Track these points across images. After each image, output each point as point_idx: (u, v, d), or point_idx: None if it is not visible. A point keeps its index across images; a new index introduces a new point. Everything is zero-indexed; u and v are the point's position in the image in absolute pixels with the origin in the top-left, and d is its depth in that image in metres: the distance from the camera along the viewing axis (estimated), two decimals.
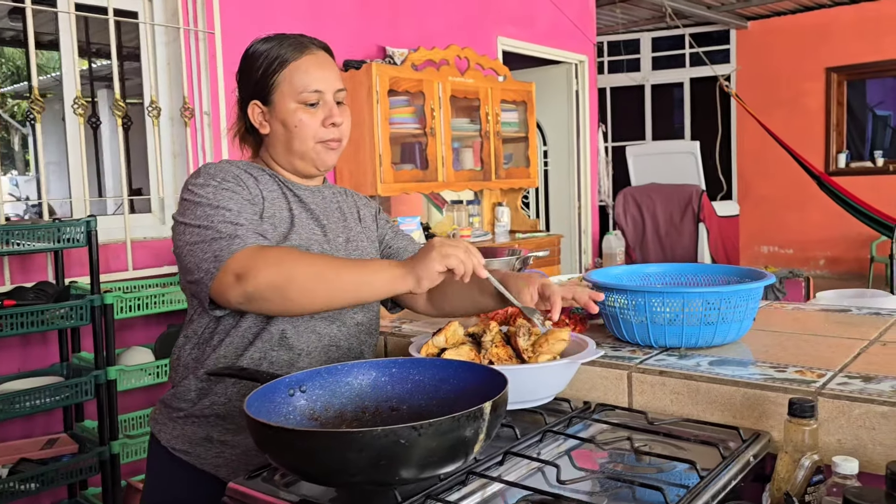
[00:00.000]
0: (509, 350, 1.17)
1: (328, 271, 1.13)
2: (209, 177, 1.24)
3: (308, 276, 1.12)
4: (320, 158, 1.33)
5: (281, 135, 1.31)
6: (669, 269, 1.56)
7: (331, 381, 1.10)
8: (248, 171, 1.30)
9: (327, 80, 1.30)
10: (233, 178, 1.25)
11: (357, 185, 3.89)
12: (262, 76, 1.30)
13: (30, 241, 2.60)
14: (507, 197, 5.04)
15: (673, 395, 1.17)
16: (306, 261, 1.14)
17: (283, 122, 1.30)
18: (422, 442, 0.81)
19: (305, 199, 1.36)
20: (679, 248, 5.78)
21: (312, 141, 1.31)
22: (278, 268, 1.12)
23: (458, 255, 1.11)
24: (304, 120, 1.29)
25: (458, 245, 1.12)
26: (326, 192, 1.42)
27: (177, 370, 1.31)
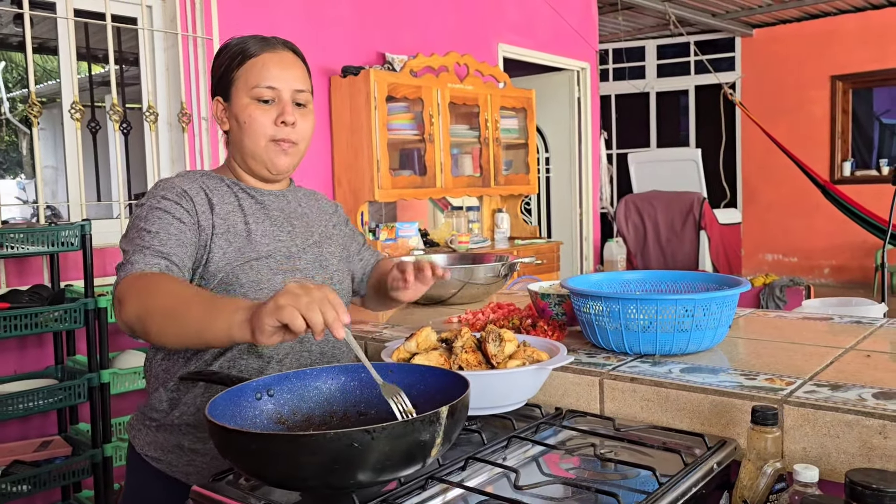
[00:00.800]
0: (479, 356, 1.18)
1: (179, 308, 1.05)
2: (150, 195, 1.26)
3: (161, 311, 1.06)
4: (271, 159, 1.31)
5: (236, 132, 1.31)
6: (649, 277, 1.56)
7: (299, 385, 1.10)
8: (204, 185, 1.30)
9: (285, 79, 1.29)
10: (175, 195, 1.24)
11: (355, 191, 3.91)
12: (224, 71, 1.31)
13: (25, 244, 2.62)
14: (508, 203, 5.04)
15: (643, 401, 1.17)
16: (165, 294, 1.08)
17: (236, 117, 1.30)
18: (375, 445, 0.81)
19: (268, 203, 1.36)
20: (680, 255, 5.76)
21: (263, 139, 1.29)
22: (140, 299, 1.08)
23: (299, 306, 0.90)
24: (255, 115, 1.28)
25: (305, 294, 0.91)
26: (291, 195, 1.41)
27: (149, 381, 1.31)
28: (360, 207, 3.91)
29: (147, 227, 1.20)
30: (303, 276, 1.31)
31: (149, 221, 1.21)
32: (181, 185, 1.27)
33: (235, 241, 1.26)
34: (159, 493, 1.25)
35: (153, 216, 1.21)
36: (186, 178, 1.30)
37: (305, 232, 1.38)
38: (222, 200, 1.30)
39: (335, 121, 3.96)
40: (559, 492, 0.94)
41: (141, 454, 1.27)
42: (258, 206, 1.34)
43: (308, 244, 1.37)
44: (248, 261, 1.25)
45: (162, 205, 1.23)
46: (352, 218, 3.92)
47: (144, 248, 1.17)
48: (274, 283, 1.26)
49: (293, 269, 1.31)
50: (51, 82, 6.78)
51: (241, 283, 1.23)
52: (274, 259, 1.29)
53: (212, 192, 1.29)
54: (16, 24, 5.27)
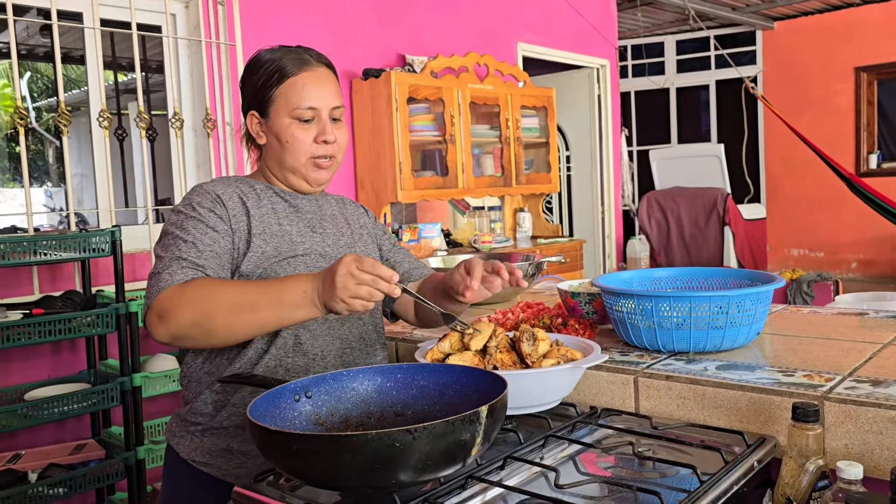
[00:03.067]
0: (513, 356, 1.18)
1: (245, 299, 1.12)
2: (185, 202, 1.28)
3: (227, 308, 1.12)
4: (311, 175, 1.35)
5: (275, 148, 1.34)
6: (679, 274, 1.55)
7: (336, 386, 1.11)
8: (239, 189, 1.32)
9: (323, 98, 1.32)
10: (210, 201, 1.27)
11: (377, 193, 3.92)
12: (261, 88, 1.33)
13: (57, 251, 2.66)
14: (529, 202, 5.04)
15: (679, 399, 1.17)
16: (222, 294, 1.13)
17: (277, 135, 1.32)
18: (416, 445, 0.82)
19: (303, 208, 1.38)
20: (704, 252, 5.72)
21: (304, 157, 1.33)
22: (194, 305, 1.12)
23: (361, 294, 1.06)
24: (297, 136, 1.31)
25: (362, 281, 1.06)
26: (322, 200, 1.44)
27: (189, 387, 1.32)
28: (383, 209, 3.93)
29: (183, 236, 1.23)
30: None
31: (185, 230, 1.24)
32: (215, 191, 1.29)
33: (272, 241, 1.29)
34: (204, 497, 1.26)
35: (188, 224, 1.24)
36: (221, 183, 1.33)
37: (337, 233, 1.41)
38: (257, 204, 1.33)
39: (357, 123, 3.98)
40: (599, 491, 0.94)
41: (187, 460, 1.28)
42: (291, 209, 1.37)
43: (340, 245, 1.39)
44: (285, 258, 1.28)
45: (197, 212, 1.26)
46: None
47: (181, 258, 1.19)
48: None
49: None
50: (76, 91, 6.87)
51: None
52: (310, 257, 1.31)
53: (246, 197, 1.32)
54: (42, 35, 5.35)
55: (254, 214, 1.30)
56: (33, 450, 2.74)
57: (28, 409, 2.50)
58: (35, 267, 2.82)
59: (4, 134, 7.33)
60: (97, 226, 3.17)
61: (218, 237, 1.24)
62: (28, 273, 2.84)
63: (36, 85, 8.30)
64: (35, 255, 2.58)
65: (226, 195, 1.30)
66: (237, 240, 1.26)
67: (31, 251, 2.58)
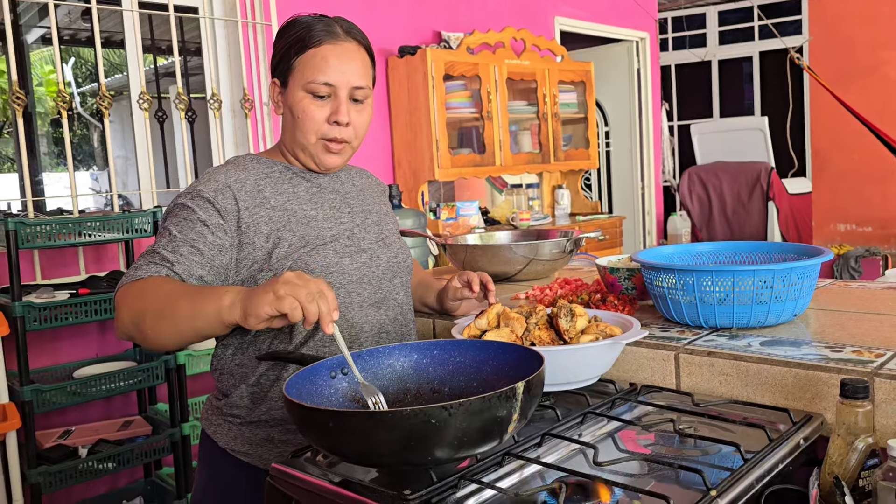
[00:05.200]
0: (552, 333, 1.16)
1: (167, 304, 1.06)
2: (190, 188, 1.23)
3: (152, 312, 1.07)
4: (319, 158, 1.28)
5: (288, 121, 1.28)
6: (722, 248, 1.52)
7: (372, 363, 1.11)
8: (256, 173, 1.26)
9: (343, 74, 1.23)
10: (212, 191, 1.20)
11: (415, 172, 3.91)
12: (284, 55, 1.26)
13: (101, 232, 2.72)
14: (568, 179, 4.98)
15: (722, 376, 1.14)
16: (153, 295, 1.07)
17: (291, 108, 1.26)
18: (452, 422, 0.81)
19: (326, 186, 1.33)
20: (748, 227, 5.59)
21: (314, 136, 1.26)
22: (133, 305, 1.08)
23: (299, 297, 0.95)
24: (309, 112, 1.24)
25: (304, 286, 0.96)
26: (344, 175, 1.39)
27: (222, 379, 1.29)
28: (421, 187, 3.92)
29: (170, 228, 1.19)
30: (369, 257, 1.31)
31: (174, 220, 1.20)
32: (227, 180, 1.23)
33: (298, 230, 1.24)
34: (244, 484, 1.25)
35: (180, 215, 1.20)
36: (236, 167, 1.26)
37: (364, 211, 1.36)
38: (277, 190, 1.26)
39: (393, 101, 3.97)
40: (639, 468, 0.92)
41: (226, 449, 1.26)
42: (315, 188, 1.31)
43: (368, 223, 1.35)
44: (314, 247, 1.23)
45: (193, 203, 1.19)
46: (412, 198, 3.93)
47: (155, 252, 1.16)
48: (342, 266, 1.25)
49: (359, 250, 1.30)
50: (118, 76, 6.98)
51: (311, 269, 1.22)
52: (339, 242, 1.27)
53: (264, 180, 1.26)
54: (84, 20, 5.44)
55: (274, 204, 1.24)
56: (83, 426, 2.82)
57: (77, 386, 2.57)
58: (80, 248, 2.89)
59: (51, 119, 7.48)
60: (140, 207, 3.23)
61: (205, 231, 1.17)
62: (74, 254, 2.91)
63: (80, 70, 8.45)
64: (80, 237, 2.63)
65: (238, 183, 1.23)
66: (252, 234, 1.20)
67: (76, 232, 2.64)
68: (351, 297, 1.26)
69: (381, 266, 1.32)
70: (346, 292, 1.25)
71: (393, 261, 1.36)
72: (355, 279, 1.27)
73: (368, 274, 1.29)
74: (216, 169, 1.27)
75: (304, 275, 0.98)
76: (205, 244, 1.18)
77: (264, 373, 1.24)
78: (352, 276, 1.26)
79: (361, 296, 1.28)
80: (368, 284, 1.29)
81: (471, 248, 1.93)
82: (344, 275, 1.25)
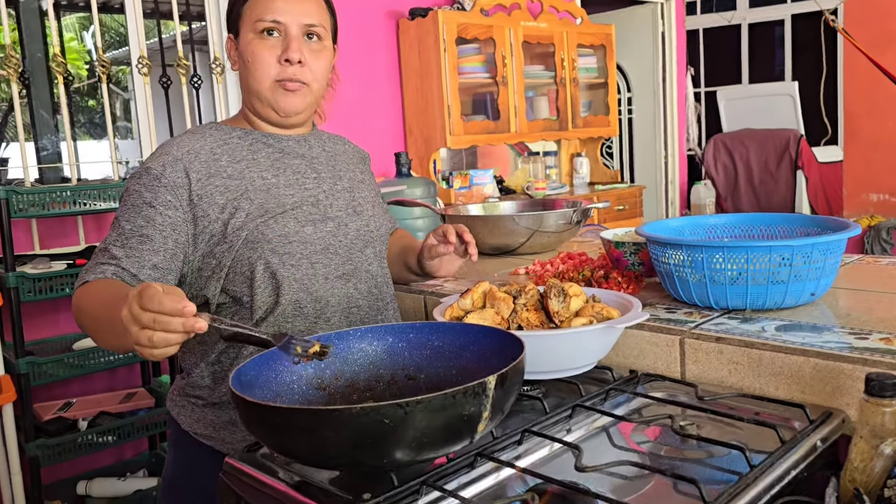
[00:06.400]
0: (542, 315, 1.05)
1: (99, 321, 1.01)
2: (135, 175, 1.16)
3: (90, 324, 1.05)
4: (276, 101, 1.19)
5: (243, 73, 1.21)
6: (737, 221, 1.38)
7: (342, 347, 1.01)
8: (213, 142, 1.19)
9: (293, 13, 1.16)
10: (159, 167, 1.13)
11: (426, 139, 3.78)
12: (234, 4, 1.21)
13: (98, 201, 2.65)
14: (587, 147, 4.82)
15: (731, 364, 1.02)
16: (90, 306, 1.03)
17: (242, 55, 1.19)
18: (410, 421, 0.70)
19: (288, 150, 1.24)
20: (775, 197, 5.39)
21: (267, 80, 1.18)
22: (79, 313, 1.06)
23: (147, 341, 0.80)
24: (257, 52, 1.17)
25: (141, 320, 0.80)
26: (314, 140, 1.30)
27: (185, 357, 1.23)
28: (433, 155, 3.79)
29: (119, 219, 1.13)
30: (335, 225, 1.21)
31: (123, 209, 1.14)
32: (179, 151, 1.15)
33: (257, 198, 1.16)
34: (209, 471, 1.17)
35: (128, 202, 1.14)
36: (192, 136, 1.19)
37: (333, 177, 1.27)
38: (234, 157, 1.19)
39: (404, 66, 3.83)
40: (629, 472, 0.81)
41: (189, 432, 1.20)
42: (277, 153, 1.23)
43: (337, 189, 1.26)
44: (273, 216, 1.15)
45: (140, 184, 1.13)
46: (424, 166, 3.81)
47: (104, 250, 1.11)
48: (304, 235, 1.16)
49: (324, 218, 1.20)
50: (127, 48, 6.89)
51: (268, 239, 1.14)
52: (301, 210, 1.18)
53: (221, 148, 1.19)
54: None
55: (231, 173, 1.16)
56: (84, 398, 2.78)
57: (76, 358, 2.52)
58: (80, 217, 2.81)
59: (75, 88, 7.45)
60: None
61: (153, 213, 1.11)
62: (73, 223, 2.84)
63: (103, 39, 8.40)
64: (75, 206, 2.56)
65: (191, 154, 1.16)
66: (206, 207, 1.13)
67: (72, 201, 2.56)
68: (315, 269, 1.18)
69: (349, 235, 1.22)
70: (308, 263, 1.17)
71: (364, 229, 1.25)
72: (319, 248, 1.18)
73: (335, 243, 1.20)
74: (171, 140, 1.20)
75: (133, 308, 0.81)
76: (153, 228, 1.12)
77: (224, 350, 1.16)
78: (315, 245, 1.17)
79: (327, 267, 1.19)
80: (335, 255, 1.20)
81: (471, 220, 1.82)
82: (306, 244, 1.16)
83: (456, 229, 1.24)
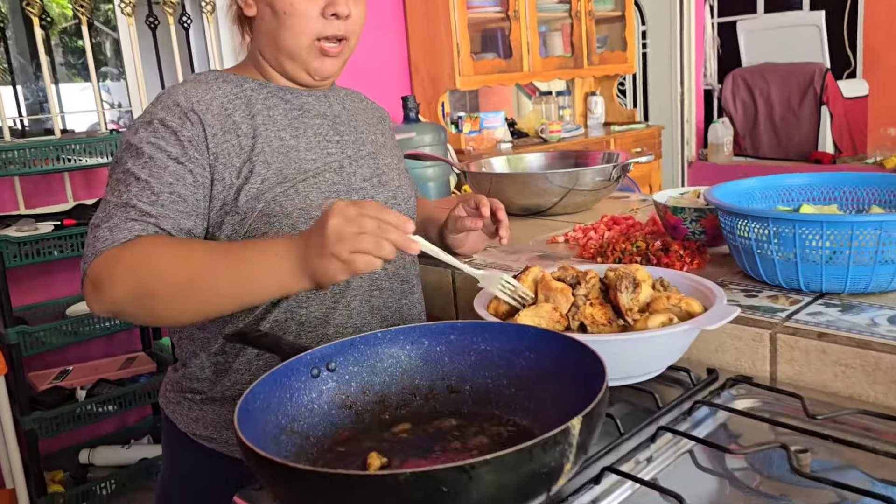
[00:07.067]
0: (608, 309, 0.87)
1: (199, 277, 0.83)
2: (146, 119, 0.96)
3: (174, 287, 0.84)
4: (313, 64, 1.01)
5: (268, 24, 1.00)
6: (817, 181, 1.19)
7: (369, 353, 0.84)
8: (224, 93, 1.00)
9: None
10: (178, 117, 0.95)
11: (434, 80, 3.54)
12: None
13: (84, 156, 2.45)
14: (602, 85, 4.56)
15: (838, 367, 0.85)
16: (168, 263, 0.85)
17: (271, 4, 0.99)
18: (475, 487, 0.53)
19: (308, 108, 1.06)
20: (797, 135, 5.15)
21: (307, 38, 0.99)
22: (133, 276, 0.83)
23: (368, 249, 0.75)
24: (298, 6, 0.97)
25: (362, 230, 0.75)
26: (333, 97, 1.11)
27: (181, 344, 1.06)
28: (441, 98, 3.56)
29: (135, 171, 0.92)
30: (360, 198, 1.03)
31: (139, 161, 0.93)
32: (188, 101, 0.97)
33: (275, 162, 0.98)
34: (213, 476, 1.02)
35: (145, 153, 0.93)
36: (198, 86, 1.00)
37: (357, 141, 1.09)
38: (249, 112, 1.00)
39: (409, 2, 3.56)
40: None
41: (187, 433, 1.04)
42: (297, 112, 1.04)
43: (361, 155, 1.08)
44: (293, 184, 0.97)
45: (157, 135, 0.94)
46: (431, 110, 3.58)
47: (127, 205, 0.90)
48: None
49: (349, 189, 1.03)
50: None
51: (288, 213, 0.96)
52: (323, 178, 1.00)
53: (233, 102, 1.00)
54: None
55: (245, 130, 0.98)
56: (81, 365, 2.63)
57: (70, 325, 2.37)
58: (66, 173, 2.62)
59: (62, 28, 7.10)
60: None
61: (182, 171, 0.93)
62: (60, 180, 2.64)
63: None
64: (59, 162, 2.37)
65: (202, 105, 0.97)
66: (222, 169, 0.95)
67: (55, 157, 2.37)
68: None
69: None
70: None
71: (391, 202, 1.08)
72: None
73: None
74: (174, 89, 1.00)
75: (348, 211, 0.76)
76: (185, 187, 0.93)
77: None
78: None
79: None
80: None
81: (497, 178, 1.63)
82: None
83: (490, 204, 1.06)
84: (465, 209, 1.11)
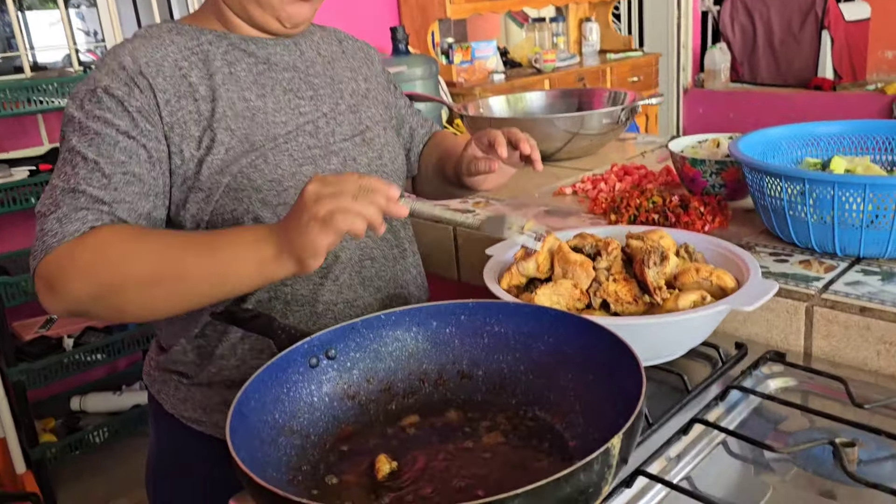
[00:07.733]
0: (633, 286, 0.79)
1: (168, 268, 0.75)
2: (89, 88, 0.84)
3: (140, 281, 0.75)
4: (287, 10, 0.88)
5: None
6: (848, 130, 1.10)
7: (371, 337, 0.77)
8: (178, 48, 0.88)
9: None
10: (122, 87, 0.83)
11: (422, 8, 3.37)
12: None
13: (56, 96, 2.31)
14: (597, 10, 4.38)
15: (882, 344, 0.78)
16: (131, 256, 0.76)
17: None
18: None
19: (275, 61, 0.93)
20: (797, 61, 5.01)
21: None
22: (92, 274, 0.75)
23: (348, 208, 0.68)
24: None
25: (341, 191, 0.68)
26: (305, 43, 0.98)
27: (160, 326, 0.97)
28: (430, 27, 3.39)
29: (82, 150, 0.80)
30: (341, 161, 0.93)
31: (84, 137, 0.81)
32: (135, 65, 0.84)
33: (239, 128, 0.86)
34: (203, 459, 0.95)
35: (90, 127, 0.81)
36: (147, 42, 0.87)
37: (334, 93, 0.97)
38: (207, 71, 0.88)
39: None
40: None
41: (174, 414, 0.97)
42: (262, 66, 0.92)
43: (340, 111, 0.96)
44: (261, 153, 0.86)
45: (101, 107, 0.82)
46: (422, 40, 3.41)
47: (76, 191, 0.78)
48: (302, 177, 0.88)
49: (326, 153, 0.92)
50: None
51: (257, 187, 0.85)
52: (296, 142, 0.89)
53: (188, 60, 0.88)
54: None
55: (203, 93, 0.86)
56: None
57: None
58: (40, 115, 2.48)
59: None
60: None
61: (135, 146, 0.82)
62: (33, 121, 2.50)
63: None
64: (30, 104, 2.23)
65: (151, 66, 0.84)
66: (178, 140, 0.84)
67: (26, 99, 2.23)
68: None
69: (359, 172, 0.93)
70: None
71: (376, 163, 0.97)
72: None
73: None
74: (119, 48, 0.87)
75: (327, 177, 0.70)
76: (139, 165, 0.82)
77: (210, 322, 0.90)
78: None
79: None
80: None
81: (496, 122, 1.52)
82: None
83: (508, 136, 0.94)
84: (480, 146, 0.99)
